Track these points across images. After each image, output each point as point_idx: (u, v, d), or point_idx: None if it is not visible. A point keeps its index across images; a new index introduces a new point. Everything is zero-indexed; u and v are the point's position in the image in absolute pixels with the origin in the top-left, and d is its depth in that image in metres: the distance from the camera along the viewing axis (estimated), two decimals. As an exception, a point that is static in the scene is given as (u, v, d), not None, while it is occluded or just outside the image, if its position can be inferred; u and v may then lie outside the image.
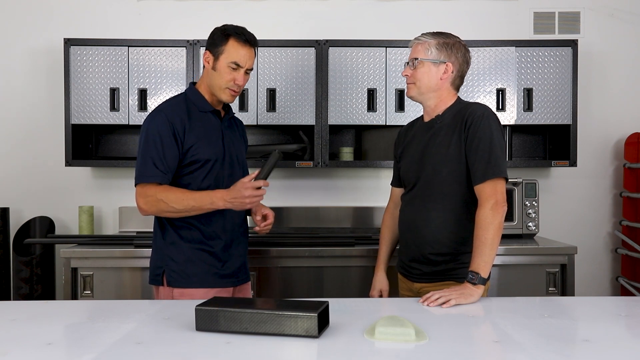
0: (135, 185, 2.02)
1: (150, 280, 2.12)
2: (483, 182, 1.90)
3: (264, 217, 2.16)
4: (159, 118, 2.02)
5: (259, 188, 1.93)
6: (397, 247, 2.24)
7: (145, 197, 1.99)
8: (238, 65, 2.05)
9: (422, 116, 2.16)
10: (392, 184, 2.31)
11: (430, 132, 2.05)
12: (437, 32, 2.05)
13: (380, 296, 2.23)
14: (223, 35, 2.06)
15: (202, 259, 2.05)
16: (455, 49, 2.01)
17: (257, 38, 3.12)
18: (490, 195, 1.88)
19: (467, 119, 1.95)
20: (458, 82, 2.06)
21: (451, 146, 1.97)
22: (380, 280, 2.24)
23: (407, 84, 2.06)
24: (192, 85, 2.16)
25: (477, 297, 1.78)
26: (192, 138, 2.03)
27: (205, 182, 2.06)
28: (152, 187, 1.99)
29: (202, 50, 2.76)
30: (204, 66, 2.13)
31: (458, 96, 2.08)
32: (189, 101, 2.11)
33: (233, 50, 2.05)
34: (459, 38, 2.06)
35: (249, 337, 1.39)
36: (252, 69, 2.12)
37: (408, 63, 2.05)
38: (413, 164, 2.08)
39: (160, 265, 2.07)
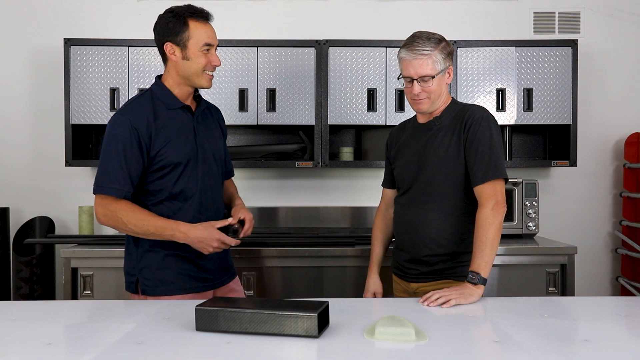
0: (94, 193, 1.92)
1: (125, 286, 2.04)
2: (483, 183, 1.90)
3: (241, 222, 2.04)
4: (121, 123, 1.91)
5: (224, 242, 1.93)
6: (391, 248, 2.23)
7: (104, 209, 1.91)
8: (209, 45, 1.95)
9: (414, 117, 2.15)
10: (383, 185, 2.30)
11: (429, 134, 2.04)
12: (432, 37, 1.95)
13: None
14: (179, 20, 1.93)
15: (176, 264, 1.98)
16: (449, 48, 1.99)
17: (257, 38, 3.16)
18: (491, 196, 1.89)
19: (467, 121, 1.96)
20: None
21: (450, 147, 1.98)
22: (374, 282, 2.21)
23: (418, 99, 1.98)
24: (158, 79, 2.02)
25: (477, 297, 1.78)
26: (159, 141, 1.92)
27: (178, 186, 1.96)
28: (112, 201, 1.89)
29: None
30: (165, 60, 1.99)
31: (452, 97, 2.10)
32: (156, 98, 1.98)
33: (199, 33, 1.93)
34: (444, 37, 2.00)
35: (249, 337, 1.38)
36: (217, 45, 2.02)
37: (416, 80, 1.95)
38: (410, 165, 2.07)
39: (133, 273, 2.00)
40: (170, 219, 1.94)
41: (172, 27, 1.94)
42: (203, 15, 1.95)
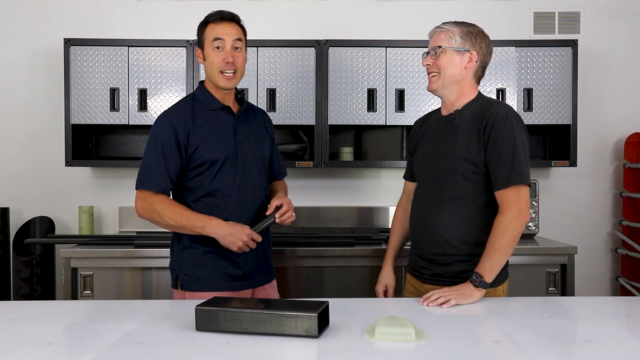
0: (136, 189, 2.03)
1: (171, 283, 2.13)
2: (505, 188, 1.82)
3: (277, 208, 2.04)
4: (162, 123, 2.02)
5: (253, 240, 1.97)
6: (408, 247, 2.16)
7: (142, 202, 2.00)
8: (219, 39, 2.00)
9: (439, 109, 2.07)
10: (404, 177, 2.23)
11: (448, 128, 1.95)
12: (459, 22, 1.96)
13: (385, 291, 2.16)
14: (202, 24, 2.06)
15: (213, 261, 2.02)
16: (480, 38, 1.94)
17: (257, 38, 3.16)
18: (513, 203, 1.81)
19: (489, 120, 1.85)
20: (480, 73, 1.98)
21: (469, 146, 1.88)
22: (387, 275, 2.17)
23: (429, 75, 1.95)
24: (201, 84, 2.12)
25: (476, 299, 1.77)
26: (197, 140, 2.00)
27: (215, 184, 2.02)
28: (150, 195, 1.99)
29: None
30: None
31: (479, 91, 2.00)
32: (197, 101, 2.08)
33: (211, 31, 2.02)
34: (481, 28, 1.98)
35: (249, 337, 1.39)
36: (240, 40, 2.04)
37: (429, 53, 1.95)
38: (427, 158, 2.01)
39: (175, 268, 2.08)
40: (207, 215, 2.00)
41: (198, 32, 2.08)
42: (219, 16, 2.03)
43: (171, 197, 2.10)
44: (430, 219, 1.96)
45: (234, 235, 1.94)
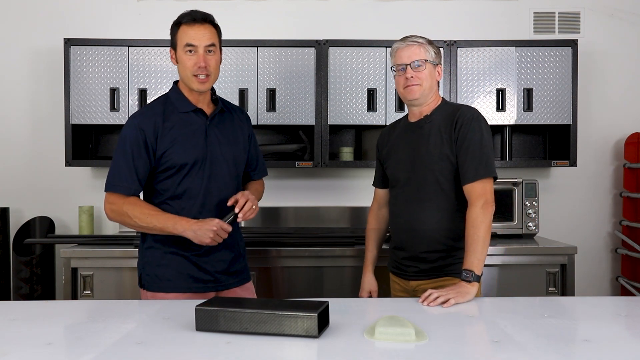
0: (105, 191, 1.99)
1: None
2: (474, 181, 1.94)
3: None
4: (131, 125, 1.97)
5: (224, 230, 1.91)
6: (389, 247, 2.23)
7: (112, 204, 1.96)
8: (192, 45, 1.95)
9: (405, 117, 2.19)
10: (374, 184, 2.33)
11: (419, 132, 2.07)
12: (421, 35, 2.08)
13: (370, 297, 2.22)
14: (174, 26, 2.01)
15: (175, 263, 2.00)
16: (439, 50, 2.09)
17: (257, 38, 3.16)
18: (480, 195, 1.93)
19: (458, 120, 1.99)
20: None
21: (443, 146, 2.00)
22: (369, 281, 2.24)
23: (411, 85, 2.02)
24: (175, 84, 2.08)
25: (472, 295, 1.81)
26: (165, 143, 1.96)
27: (182, 187, 1.99)
28: (120, 198, 1.96)
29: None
30: None
31: (442, 97, 2.13)
32: (169, 102, 2.03)
33: (183, 34, 1.97)
34: None
35: (249, 337, 1.39)
36: (212, 45, 1.98)
37: (409, 65, 2.01)
38: (402, 163, 2.10)
39: (139, 268, 2.07)
40: (177, 215, 1.97)
41: (171, 33, 2.04)
42: (191, 17, 1.98)
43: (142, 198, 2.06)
44: (415, 220, 2.05)
45: (203, 227, 1.89)
